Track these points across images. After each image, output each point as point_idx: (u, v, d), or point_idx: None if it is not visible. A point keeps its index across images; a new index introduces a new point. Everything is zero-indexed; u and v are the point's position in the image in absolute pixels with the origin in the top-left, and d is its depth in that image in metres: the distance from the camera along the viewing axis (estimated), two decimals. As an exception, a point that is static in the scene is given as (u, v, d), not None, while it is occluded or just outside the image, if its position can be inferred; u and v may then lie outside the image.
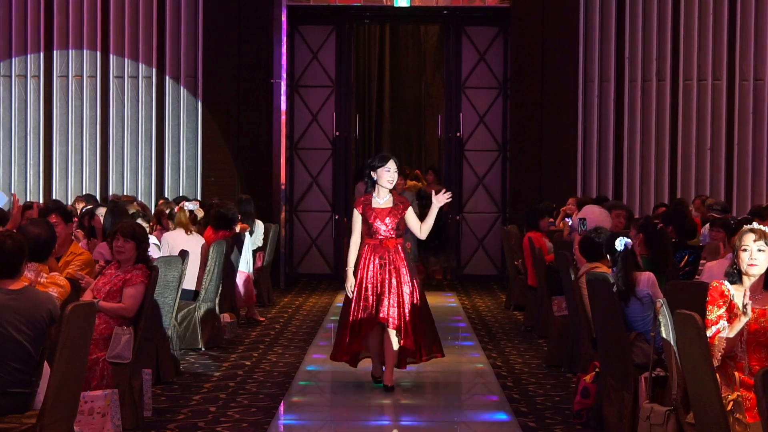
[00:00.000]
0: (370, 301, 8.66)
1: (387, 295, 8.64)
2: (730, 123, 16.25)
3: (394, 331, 8.62)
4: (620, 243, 7.72)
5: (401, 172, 17.36)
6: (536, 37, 16.20)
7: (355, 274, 8.73)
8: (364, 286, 8.70)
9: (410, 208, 8.90)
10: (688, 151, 16.28)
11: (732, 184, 16.28)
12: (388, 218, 8.76)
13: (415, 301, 8.72)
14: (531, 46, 16.25)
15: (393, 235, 8.78)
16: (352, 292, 8.69)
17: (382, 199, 8.81)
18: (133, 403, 7.66)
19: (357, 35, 19.58)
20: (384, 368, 8.83)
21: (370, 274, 8.70)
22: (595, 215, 10.59)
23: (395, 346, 8.66)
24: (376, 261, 8.73)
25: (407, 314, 8.63)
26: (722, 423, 5.51)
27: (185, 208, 11.07)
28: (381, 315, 8.60)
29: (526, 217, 12.89)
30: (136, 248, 7.99)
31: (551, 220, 12.99)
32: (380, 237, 8.76)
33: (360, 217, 8.82)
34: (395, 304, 8.63)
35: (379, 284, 8.67)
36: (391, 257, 8.74)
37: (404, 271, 8.75)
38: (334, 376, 9.80)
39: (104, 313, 7.68)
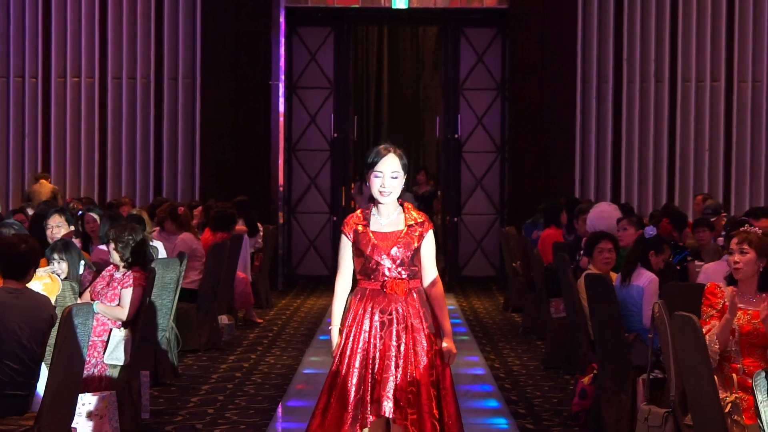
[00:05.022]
0: (360, 380, 5.48)
1: (390, 372, 5.44)
2: (728, 124, 16.28)
3: (401, 429, 5.44)
4: (648, 231, 8.31)
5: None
6: (534, 38, 16.21)
7: (342, 333, 5.59)
8: (352, 354, 5.51)
9: (431, 238, 5.63)
10: (686, 152, 16.31)
11: (730, 185, 16.30)
12: (396, 249, 5.54)
13: (438, 383, 5.53)
14: (529, 48, 16.26)
15: (403, 276, 5.55)
16: (335, 361, 5.60)
17: (385, 217, 5.63)
18: (131, 405, 7.68)
19: (355, 37, 19.60)
20: None
21: (364, 336, 5.50)
22: (606, 212, 10.58)
23: None
24: (375, 317, 5.51)
25: (423, 402, 5.43)
26: (720, 425, 5.53)
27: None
28: (380, 407, 5.41)
29: (549, 212, 12.11)
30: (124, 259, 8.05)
31: None
32: (383, 279, 5.55)
33: (350, 245, 5.63)
34: (404, 387, 5.43)
35: (378, 354, 5.48)
36: (400, 312, 5.51)
37: (422, 333, 5.51)
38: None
39: (102, 315, 7.70)
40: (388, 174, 5.58)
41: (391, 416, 5.41)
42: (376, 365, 5.48)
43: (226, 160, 16.14)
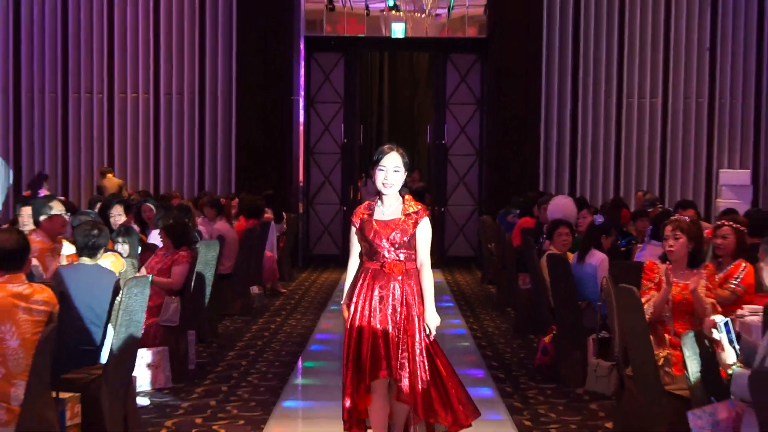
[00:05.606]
0: (366, 346, 5.22)
1: (390, 339, 5.21)
2: (663, 132, 16.28)
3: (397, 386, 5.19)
4: (596, 219, 8.52)
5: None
6: (508, 62, 16.19)
7: (350, 307, 5.34)
8: (359, 325, 5.26)
9: (425, 225, 5.30)
10: (630, 155, 16.32)
11: (665, 181, 16.30)
12: (394, 234, 5.26)
13: (427, 347, 5.24)
14: (504, 70, 16.24)
15: (401, 258, 5.27)
16: (347, 330, 5.32)
17: (387, 207, 5.35)
18: (180, 358, 7.73)
19: (362, 61, 19.56)
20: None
21: (367, 309, 5.25)
22: (562, 203, 10.60)
23: (405, 411, 5.34)
24: (375, 293, 5.26)
25: (416, 365, 5.18)
26: (654, 375, 5.57)
27: None
28: (381, 369, 5.18)
29: (526, 205, 12.01)
30: (173, 241, 8.11)
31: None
32: (383, 260, 5.28)
33: (357, 231, 5.39)
34: (399, 351, 5.20)
35: (378, 324, 5.22)
36: (394, 293, 5.24)
37: (416, 307, 5.23)
38: (342, 338, 9.84)
39: (157, 286, 7.74)
40: (391, 168, 5.32)
41: (388, 377, 5.18)
42: (378, 333, 5.20)
43: (257, 160, 16.16)
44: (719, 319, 4.12)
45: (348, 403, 5.20)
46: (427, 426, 5.34)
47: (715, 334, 4.08)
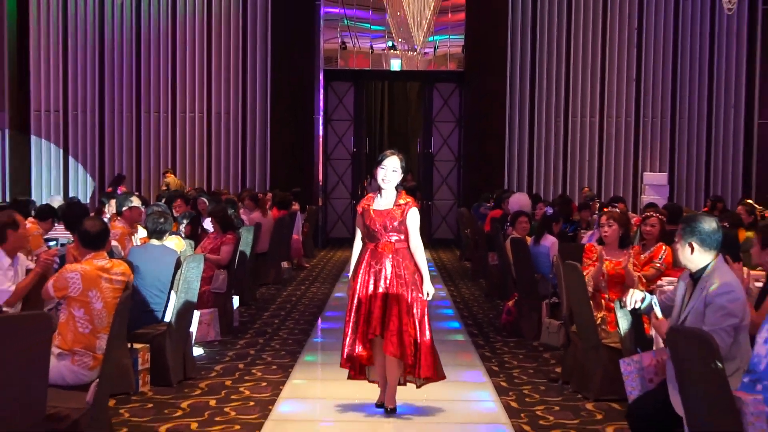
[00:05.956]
0: (363, 311, 5.12)
1: (379, 306, 5.08)
2: (600, 145, 16.27)
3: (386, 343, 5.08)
4: (547, 210, 8.59)
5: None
6: (480, 90, 16.18)
7: (353, 279, 5.20)
8: (358, 294, 5.14)
9: (413, 213, 5.16)
10: (574, 160, 16.29)
11: (601, 181, 16.30)
12: (387, 221, 5.11)
13: (410, 310, 5.08)
14: (476, 96, 16.23)
15: (392, 240, 5.11)
16: (350, 298, 5.20)
17: (384, 199, 5.19)
18: (226, 318, 7.72)
19: (367, 87, 19.54)
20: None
21: (365, 282, 5.12)
22: (518, 198, 10.60)
23: (396, 367, 5.14)
24: (371, 271, 5.10)
25: (402, 324, 5.06)
26: (594, 331, 5.57)
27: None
28: (373, 329, 5.08)
29: (498, 200, 11.85)
30: (221, 227, 8.07)
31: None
32: (377, 241, 5.13)
33: (360, 218, 5.24)
34: (388, 315, 5.07)
35: (372, 293, 5.09)
36: (386, 267, 5.08)
37: (404, 279, 5.08)
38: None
39: (209, 262, 7.73)
40: (390, 168, 5.16)
41: (379, 334, 5.08)
42: (372, 301, 5.07)
43: (286, 164, 16.13)
44: (649, 297, 4.10)
45: (345, 354, 5.14)
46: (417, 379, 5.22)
47: (656, 309, 4.04)
